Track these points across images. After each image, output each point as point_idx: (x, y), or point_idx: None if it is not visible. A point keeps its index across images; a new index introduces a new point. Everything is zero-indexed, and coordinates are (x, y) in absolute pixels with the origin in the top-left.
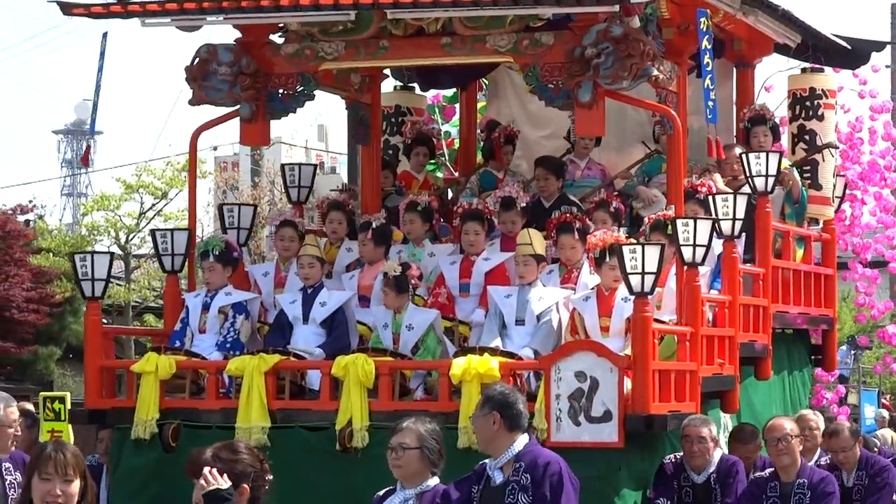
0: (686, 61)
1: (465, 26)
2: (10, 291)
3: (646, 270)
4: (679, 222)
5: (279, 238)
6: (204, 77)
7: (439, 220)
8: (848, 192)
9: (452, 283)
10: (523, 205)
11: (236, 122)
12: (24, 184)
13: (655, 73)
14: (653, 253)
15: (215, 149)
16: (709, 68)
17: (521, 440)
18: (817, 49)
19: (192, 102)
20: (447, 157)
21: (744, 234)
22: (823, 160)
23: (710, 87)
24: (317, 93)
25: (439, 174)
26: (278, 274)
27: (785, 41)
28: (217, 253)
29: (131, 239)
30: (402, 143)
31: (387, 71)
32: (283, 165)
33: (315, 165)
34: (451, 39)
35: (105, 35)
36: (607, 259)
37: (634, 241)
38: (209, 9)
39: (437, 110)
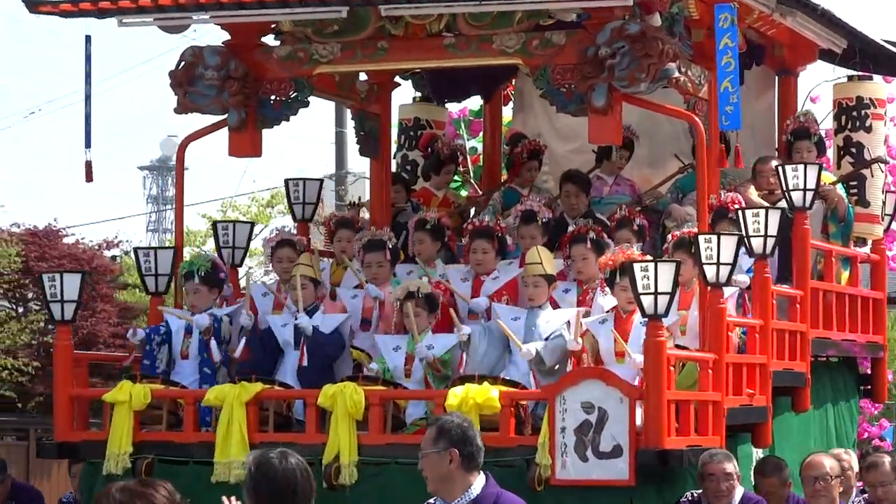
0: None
1: (470, 25)
2: (97, 327)
3: (659, 290)
4: (701, 238)
5: (277, 259)
6: (189, 82)
7: (453, 240)
8: None
9: (462, 302)
10: (545, 220)
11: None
12: (110, 220)
13: (677, 74)
14: (667, 271)
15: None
16: (730, 69)
17: (479, 482)
18: (865, 55)
19: (178, 110)
20: (472, 174)
21: (778, 253)
22: (872, 175)
23: (732, 91)
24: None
25: (464, 192)
26: (278, 295)
27: (830, 47)
28: (202, 274)
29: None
30: (421, 157)
31: (399, 79)
32: (286, 181)
33: (321, 180)
34: (454, 40)
35: (88, 38)
36: (618, 279)
37: (647, 259)
38: (187, 5)
39: (462, 125)
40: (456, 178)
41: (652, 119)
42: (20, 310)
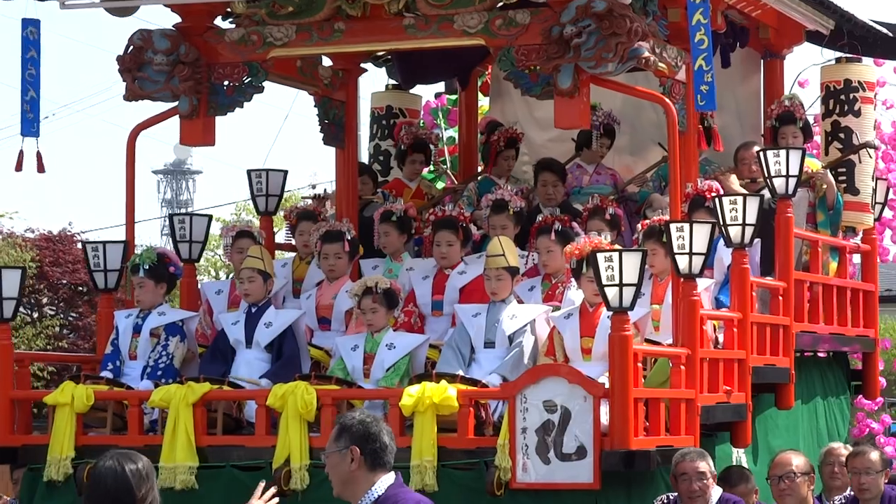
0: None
1: (430, 5)
2: None
3: (624, 282)
4: (673, 227)
5: (236, 251)
6: (138, 67)
7: (420, 232)
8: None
9: (424, 300)
10: (517, 209)
11: None
12: (123, 224)
13: (647, 54)
14: (632, 261)
15: (314, 187)
16: (703, 46)
17: (384, 481)
18: (853, 36)
19: (127, 97)
20: (449, 165)
21: (762, 243)
22: (860, 161)
23: (706, 69)
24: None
25: (440, 183)
26: (233, 292)
27: (817, 28)
28: (147, 267)
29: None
30: (393, 147)
31: (370, 65)
32: (248, 172)
33: (285, 172)
34: (414, 20)
35: (32, 22)
36: (585, 270)
37: (612, 248)
38: None
39: (440, 114)
40: (432, 168)
41: (634, 106)
42: (35, 315)
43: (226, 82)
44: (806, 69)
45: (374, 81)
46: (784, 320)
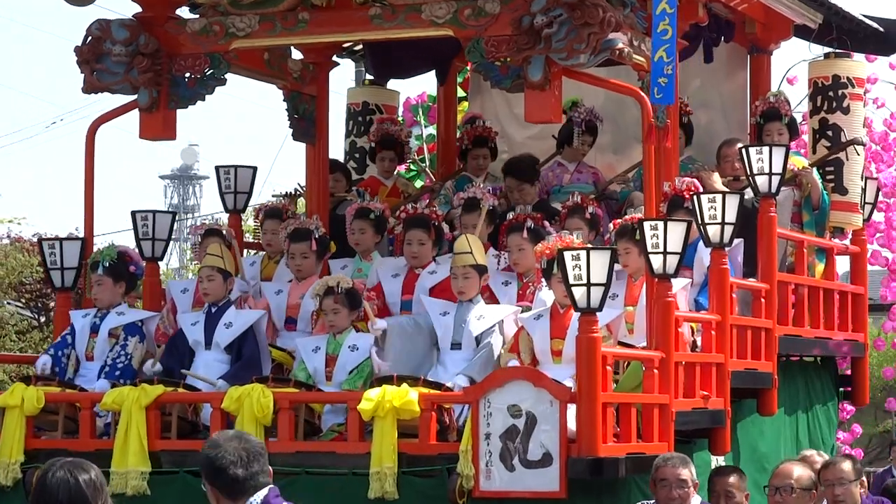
0: (677, 41)
1: None
2: None
3: (592, 281)
4: (646, 225)
5: (203, 249)
6: (97, 59)
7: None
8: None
9: (393, 299)
10: (490, 208)
11: None
12: (130, 229)
13: (621, 45)
14: (600, 259)
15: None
16: (666, 37)
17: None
18: (842, 31)
19: (85, 89)
20: (428, 163)
21: (745, 244)
22: (847, 159)
23: (667, 61)
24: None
25: (419, 182)
26: (198, 292)
27: (804, 22)
28: (107, 265)
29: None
30: (368, 145)
31: (344, 59)
32: (217, 168)
33: (254, 168)
34: (380, 10)
35: None
36: (555, 270)
37: (581, 247)
38: None
39: (420, 111)
40: (412, 167)
41: (617, 103)
42: (42, 319)
43: (187, 74)
44: (795, 65)
45: (350, 77)
46: (767, 323)
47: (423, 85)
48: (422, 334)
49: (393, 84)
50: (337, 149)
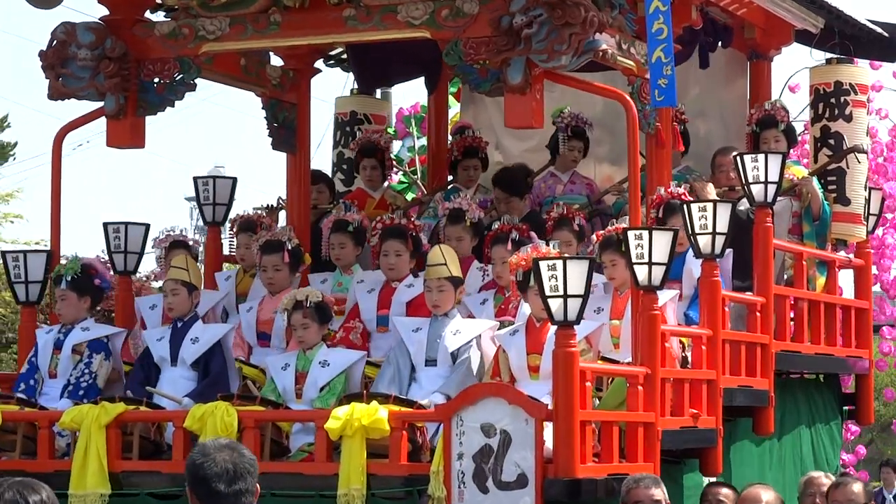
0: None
1: None
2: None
3: (569, 293)
4: (631, 234)
5: (168, 262)
6: (62, 63)
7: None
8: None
9: (369, 315)
10: (475, 220)
11: None
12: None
13: (605, 47)
14: (577, 270)
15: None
16: (661, 36)
17: None
18: (845, 36)
19: (50, 96)
20: (420, 175)
21: (743, 255)
22: (848, 167)
23: (665, 61)
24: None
25: (411, 194)
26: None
27: (805, 26)
28: (70, 279)
29: None
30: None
31: (320, 65)
32: (195, 178)
33: (234, 179)
34: (355, 11)
35: None
36: (532, 283)
37: (557, 256)
38: None
39: (413, 121)
40: (403, 178)
41: (615, 113)
42: None
43: (156, 79)
44: (797, 72)
45: (339, 85)
46: (762, 338)
47: (418, 95)
48: (407, 356)
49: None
50: (325, 160)
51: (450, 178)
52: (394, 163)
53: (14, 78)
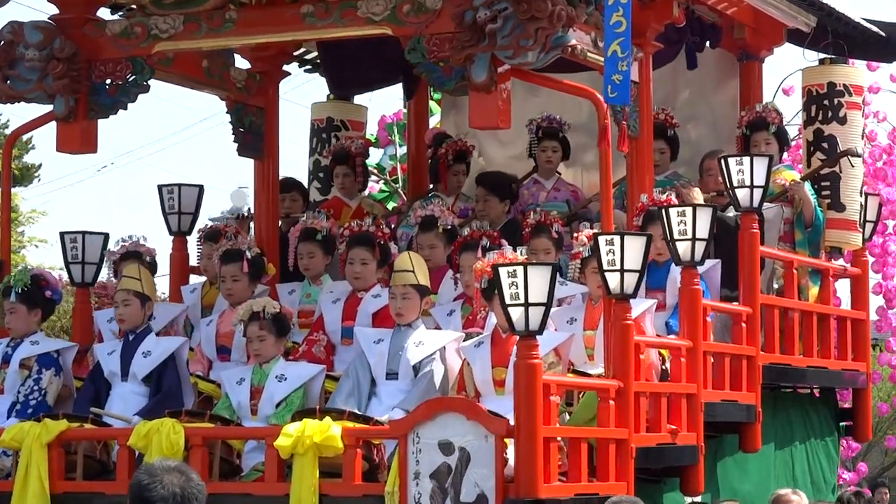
0: (650, 43)
1: None
2: None
3: (530, 301)
4: (601, 240)
5: (123, 276)
6: (10, 65)
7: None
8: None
9: (333, 326)
10: (448, 226)
11: None
12: None
13: (574, 42)
14: (539, 276)
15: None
16: (620, 29)
17: None
18: (838, 35)
19: None
20: (401, 184)
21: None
22: (841, 171)
23: (621, 56)
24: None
25: (392, 203)
26: None
27: (797, 25)
28: (20, 291)
29: None
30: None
31: (289, 67)
32: (159, 187)
33: (200, 187)
34: (313, 8)
35: None
36: (496, 291)
37: (517, 262)
38: None
39: (395, 129)
40: (384, 187)
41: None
42: None
43: (108, 81)
44: (791, 74)
45: (315, 91)
46: (749, 350)
47: (402, 102)
48: (368, 370)
49: (361, 99)
50: (300, 168)
51: (430, 186)
52: (370, 170)
53: None
